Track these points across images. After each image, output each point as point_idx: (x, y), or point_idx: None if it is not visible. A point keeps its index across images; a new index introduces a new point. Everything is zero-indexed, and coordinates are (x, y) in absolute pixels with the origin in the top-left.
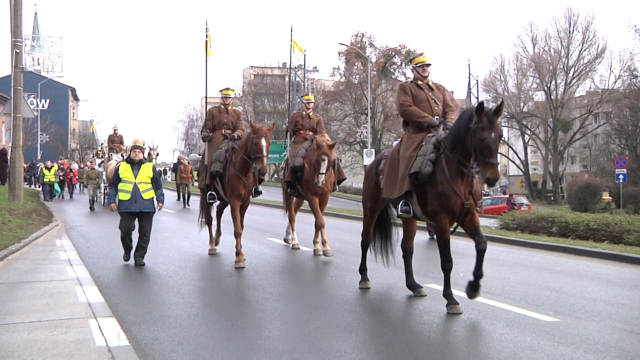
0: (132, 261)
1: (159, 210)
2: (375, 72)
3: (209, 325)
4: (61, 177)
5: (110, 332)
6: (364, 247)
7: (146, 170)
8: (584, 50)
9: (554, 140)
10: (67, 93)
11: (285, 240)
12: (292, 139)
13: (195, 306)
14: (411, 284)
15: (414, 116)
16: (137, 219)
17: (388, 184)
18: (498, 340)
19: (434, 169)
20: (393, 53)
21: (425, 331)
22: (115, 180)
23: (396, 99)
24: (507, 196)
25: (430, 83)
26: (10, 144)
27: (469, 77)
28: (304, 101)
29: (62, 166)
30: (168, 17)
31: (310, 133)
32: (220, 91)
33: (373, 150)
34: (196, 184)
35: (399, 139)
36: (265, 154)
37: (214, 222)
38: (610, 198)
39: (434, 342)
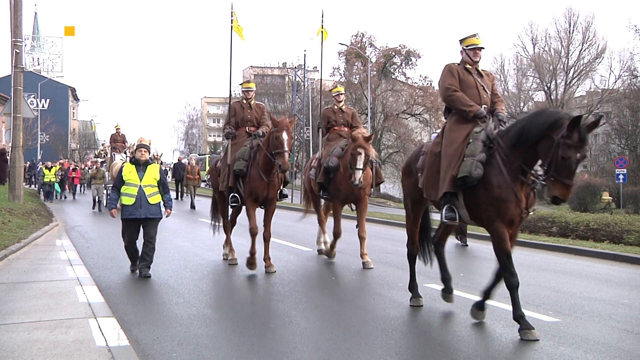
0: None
1: (166, 217)
2: (375, 72)
3: (209, 325)
4: (61, 177)
5: (110, 332)
6: (411, 258)
7: (153, 172)
8: (584, 50)
9: None
10: (67, 93)
11: (319, 251)
12: (326, 136)
13: (195, 306)
14: (446, 279)
15: (459, 103)
16: (140, 225)
17: (429, 183)
18: (498, 340)
19: (487, 170)
20: (393, 53)
21: (425, 331)
22: (118, 182)
23: (440, 81)
24: None
25: (479, 69)
26: (10, 144)
27: None
28: (333, 94)
29: (62, 166)
30: (168, 17)
31: (346, 129)
32: (241, 84)
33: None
34: (202, 185)
35: (438, 131)
36: (286, 148)
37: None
38: (610, 198)
39: (434, 342)
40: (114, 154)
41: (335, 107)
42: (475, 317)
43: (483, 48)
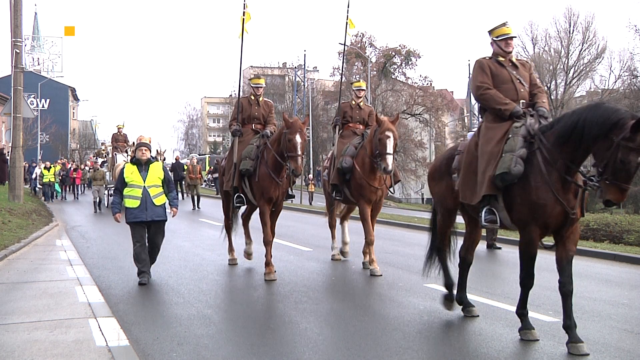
0: (137, 277)
1: (172, 216)
2: (375, 72)
3: (209, 325)
4: (62, 177)
5: (110, 332)
6: (443, 260)
7: (156, 171)
8: (584, 50)
9: None
10: (67, 93)
11: (333, 256)
12: (340, 132)
13: (195, 306)
14: (462, 300)
15: (493, 102)
16: (146, 228)
17: (466, 186)
18: (498, 340)
19: (526, 169)
20: (393, 53)
21: (425, 331)
22: (120, 184)
23: (472, 79)
24: None
25: (514, 59)
26: (10, 144)
27: (469, 77)
28: (354, 89)
29: (63, 166)
30: (168, 17)
31: (361, 126)
32: (250, 80)
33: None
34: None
35: (474, 130)
36: (300, 152)
37: (240, 230)
38: None
39: (434, 342)
40: (116, 154)
41: (353, 102)
42: (529, 336)
43: (515, 37)
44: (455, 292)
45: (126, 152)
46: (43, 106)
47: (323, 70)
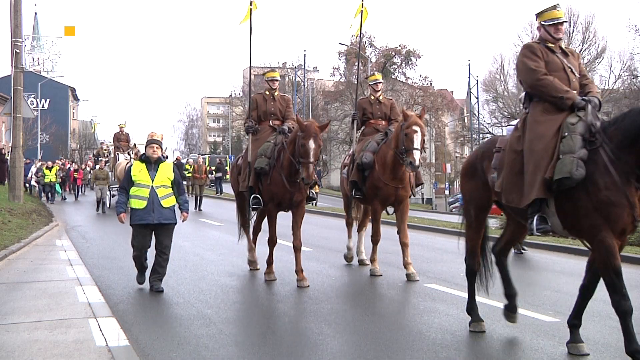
0: (147, 284)
1: (182, 221)
2: (375, 72)
3: (209, 325)
4: (62, 177)
5: (110, 332)
6: (471, 275)
7: (165, 171)
8: (584, 50)
9: None
10: (67, 93)
11: (361, 261)
12: (361, 130)
13: (195, 306)
14: (511, 296)
15: (553, 90)
16: (152, 232)
17: (509, 187)
18: (498, 340)
19: (589, 170)
20: (393, 53)
21: (425, 331)
22: (126, 183)
23: (520, 64)
24: None
25: (563, 47)
26: (10, 144)
27: (469, 77)
28: (371, 82)
29: (63, 166)
30: (167, 17)
31: (384, 122)
32: (264, 74)
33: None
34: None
35: (514, 123)
36: (312, 159)
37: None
38: None
39: (434, 342)
40: (118, 154)
41: (372, 97)
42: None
43: (566, 21)
44: (516, 302)
45: (128, 153)
46: (43, 106)
47: (323, 70)
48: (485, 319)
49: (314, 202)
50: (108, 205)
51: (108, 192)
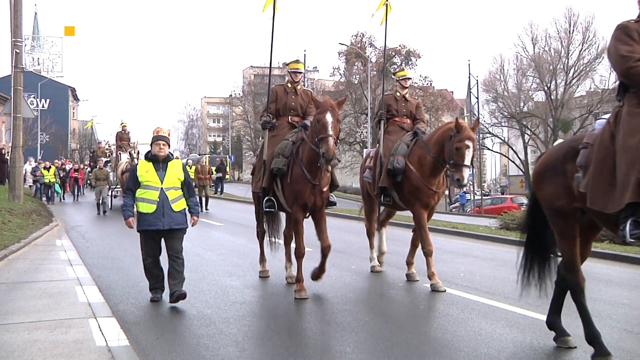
0: (150, 293)
1: (192, 225)
2: (375, 72)
3: (209, 325)
4: (62, 178)
5: (110, 332)
6: (579, 292)
7: (175, 171)
8: (584, 50)
9: (554, 140)
10: (67, 93)
11: (373, 268)
12: (385, 127)
13: (195, 306)
14: (554, 325)
15: None
16: (161, 238)
17: (597, 189)
18: (498, 340)
19: None
20: (393, 53)
21: (425, 331)
22: (132, 185)
23: (612, 48)
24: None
25: None
26: (10, 144)
27: (469, 77)
28: (399, 78)
29: (63, 166)
30: (167, 17)
31: (408, 121)
32: (287, 65)
33: (373, 150)
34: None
35: (606, 117)
36: (330, 132)
37: (279, 240)
38: None
39: (434, 342)
40: (120, 153)
41: (398, 93)
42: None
43: None
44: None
45: (130, 153)
46: (43, 106)
47: (323, 70)
48: (485, 319)
49: (334, 205)
50: (109, 207)
51: (109, 193)
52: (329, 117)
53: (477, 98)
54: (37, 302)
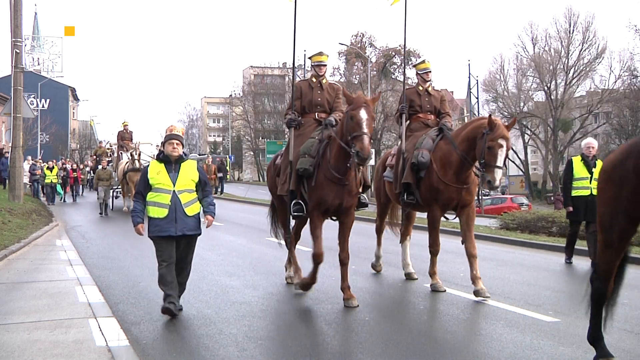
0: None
1: (207, 227)
2: (375, 72)
3: (209, 325)
4: (63, 178)
5: (110, 332)
6: (600, 299)
7: (189, 172)
8: (584, 50)
9: (554, 140)
10: (67, 93)
11: (408, 275)
12: (407, 123)
13: (195, 306)
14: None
15: None
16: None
17: None
18: (498, 340)
19: None
20: (393, 53)
21: (425, 331)
22: (142, 188)
23: None
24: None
25: None
26: (10, 144)
27: (469, 77)
28: (420, 71)
29: (64, 166)
30: (167, 17)
31: (432, 117)
32: (310, 58)
33: (373, 150)
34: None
35: None
36: (365, 130)
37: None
38: None
39: (434, 342)
40: (122, 153)
41: (421, 87)
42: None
43: None
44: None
45: (131, 154)
46: (43, 106)
47: None
48: (485, 319)
49: (366, 207)
50: (111, 207)
51: (111, 194)
52: (363, 114)
53: (477, 98)
54: (37, 302)
